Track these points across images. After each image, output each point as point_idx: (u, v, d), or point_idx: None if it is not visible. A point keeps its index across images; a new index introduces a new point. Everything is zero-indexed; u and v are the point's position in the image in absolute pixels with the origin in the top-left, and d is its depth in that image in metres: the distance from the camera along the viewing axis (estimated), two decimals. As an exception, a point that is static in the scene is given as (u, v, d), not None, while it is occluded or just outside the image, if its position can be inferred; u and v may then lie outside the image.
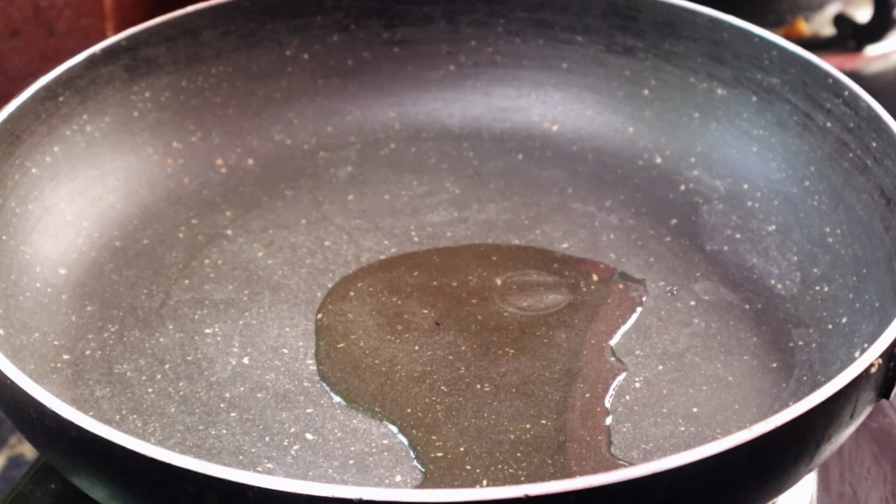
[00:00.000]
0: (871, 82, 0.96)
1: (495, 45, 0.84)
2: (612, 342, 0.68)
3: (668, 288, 0.72)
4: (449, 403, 0.65)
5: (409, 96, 0.84)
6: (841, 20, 1.03)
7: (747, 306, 0.71)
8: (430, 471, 0.61)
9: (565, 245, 0.75)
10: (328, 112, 0.83)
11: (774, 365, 0.67)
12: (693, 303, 0.71)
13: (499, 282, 0.72)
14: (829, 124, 0.73)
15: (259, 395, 0.66)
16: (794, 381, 0.66)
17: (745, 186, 0.77)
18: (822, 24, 1.06)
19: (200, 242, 0.75)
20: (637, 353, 0.68)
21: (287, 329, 0.69)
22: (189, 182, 0.79)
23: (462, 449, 0.62)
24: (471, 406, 0.65)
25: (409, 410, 0.64)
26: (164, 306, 0.71)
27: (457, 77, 0.84)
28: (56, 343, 0.68)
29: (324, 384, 0.66)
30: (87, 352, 0.68)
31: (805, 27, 1.05)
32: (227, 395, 0.66)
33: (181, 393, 0.66)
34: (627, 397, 0.65)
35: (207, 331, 0.69)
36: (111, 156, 0.77)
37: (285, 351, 0.68)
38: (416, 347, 0.68)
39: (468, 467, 0.62)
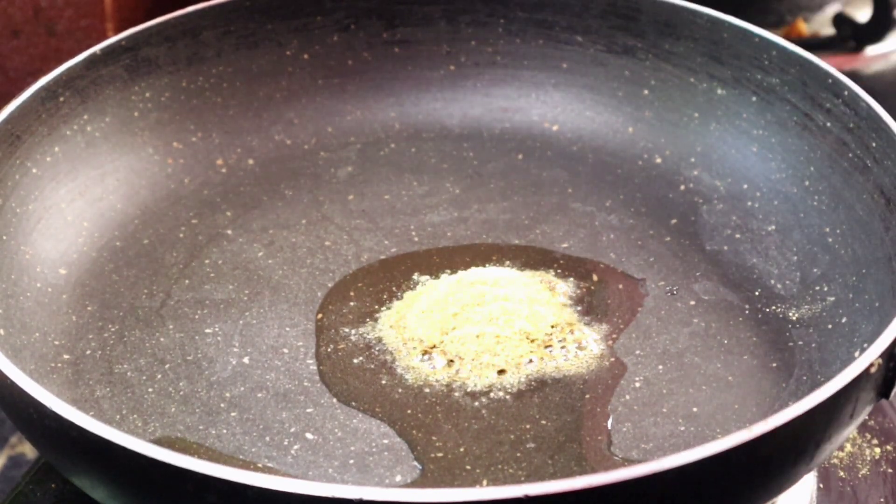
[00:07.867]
0: (871, 82, 0.96)
1: (495, 45, 0.84)
2: (613, 342, 0.68)
3: (668, 288, 0.72)
4: (449, 404, 0.65)
5: (409, 96, 0.84)
6: (841, 20, 1.03)
7: (747, 306, 0.70)
8: (430, 470, 0.61)
9: (565, 245, 0.75)
10: (328, 112, 0.83)
11: (774, 365, 0.67)
12: (693, 303, 0.71)
13: (499, 282, 0.72)
14: (828, 124, 0.73)
15: (259, 395, 0.66)
16: (794, 381, 0.66)
17: (745, 186, 0.77)
18: (822, 24, 1.06)
19: (201, 242, 0.75)
20: (637, 353, 0.68)
21: (287, 329, 0.69)
22: (189, 182, 0.79)
23: (462, 449, 0.62)
24: (471, 406, 0.65)
25: (409, 411, 0.64)
26: (165, 306, 0.71)
27: (457, 77, 0.84)
28: (56, 343, 0.68)
29: (323, 384, 0.66)
30: (88, 352, 0.68)
31: (805, 27, 1.05)
32: (228, 394, 0.66)
33: (181, 393, 0.66)
34: (627, 397, 0.65)
35: (208, 331, 0.69)
36: (111, 156, 0.77)
37: (285, 351, 0.68)
38: (416, 347, 0.68)
39: (468, 467, 0.61)
